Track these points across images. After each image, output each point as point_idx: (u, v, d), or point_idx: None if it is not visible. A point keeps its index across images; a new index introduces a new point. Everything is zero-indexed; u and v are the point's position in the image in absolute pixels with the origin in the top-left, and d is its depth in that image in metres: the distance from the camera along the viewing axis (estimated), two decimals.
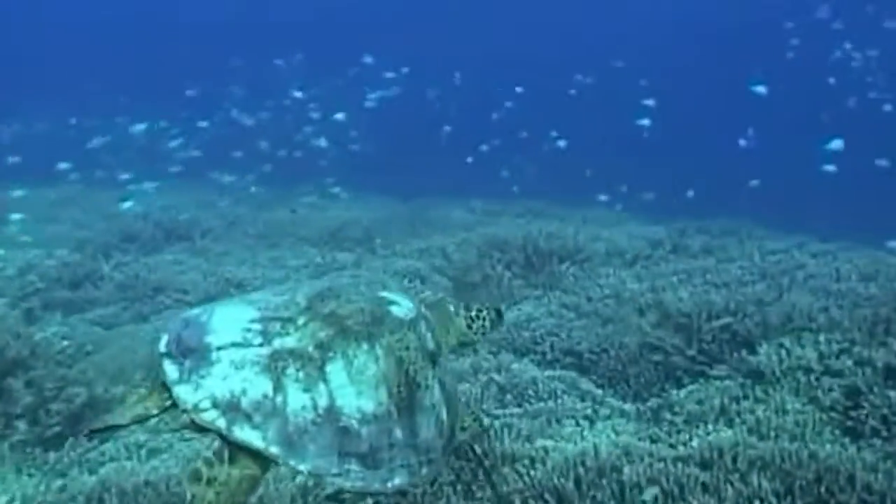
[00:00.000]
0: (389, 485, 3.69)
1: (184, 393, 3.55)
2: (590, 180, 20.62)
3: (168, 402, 3.64)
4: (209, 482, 3.48)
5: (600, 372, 8.53)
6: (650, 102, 19.68)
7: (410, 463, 3.78)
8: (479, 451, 4.64)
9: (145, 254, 13.88)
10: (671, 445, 6.33)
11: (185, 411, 3.52)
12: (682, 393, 7.32)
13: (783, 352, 7.30)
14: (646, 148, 21.99)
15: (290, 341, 3.69)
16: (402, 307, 4.07)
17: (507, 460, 6.00)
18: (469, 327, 4.64)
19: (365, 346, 3.77)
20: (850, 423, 6.44)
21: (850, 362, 7.00)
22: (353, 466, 3.61)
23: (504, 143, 23.89)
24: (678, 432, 6.61)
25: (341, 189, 19.63)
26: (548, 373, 8.18)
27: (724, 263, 11.64)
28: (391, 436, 3.72)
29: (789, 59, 26.11)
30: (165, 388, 3.65)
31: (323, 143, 21.13)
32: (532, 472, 5.76)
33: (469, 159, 22.23)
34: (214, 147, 20.95)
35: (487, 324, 4.68)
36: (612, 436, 6.68)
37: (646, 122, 19.26)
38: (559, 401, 7.55)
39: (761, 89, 17.04)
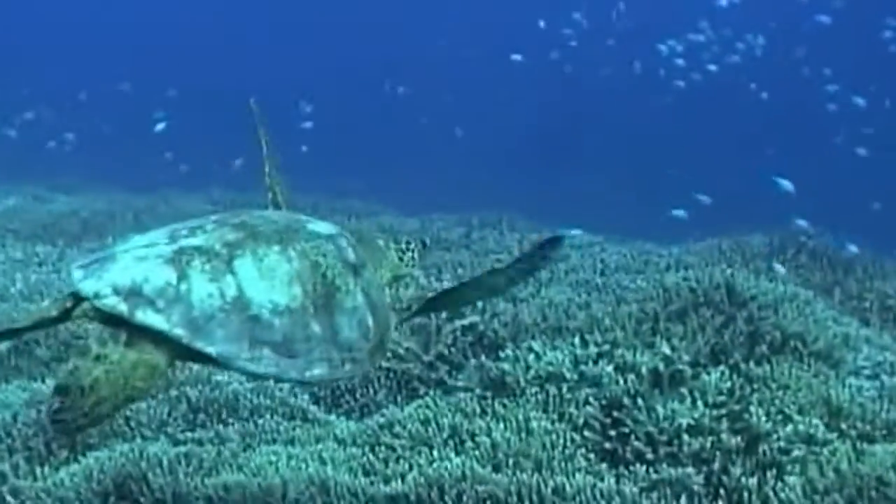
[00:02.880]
0: (308, 374, 3.61)
1: (86, 286, 3.46)
2: (346, 170, 19.78)
3: (69, 304, 3.51)
4: (98, 358, 3.33)
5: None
6: None
7: (331, 357, 3.69)
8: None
9: None
10: (386, 479, 5.19)
11: (86, 299, 3.43)
12: (408, 409, 6.08)
13: (531, 356, 6.17)
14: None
15: (196, 241, 3.60)
16: (321, 226, 3.99)
17: (178, 502, 5.17)
18: (401, 259, 4.54)
19: (276, 248, 3.67)
20: (608, 444, 5.49)
21: (610, 368, 5.96)
22: (267, 353, 3.51)
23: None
24: (398, 460, 5.43)
25: (74, 179, 18.48)
26: (253, 385, 6.85)
27: (481, 257, 10.83)
28: (308, 329, 3.63)
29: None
30: (69, 296, 3.54)
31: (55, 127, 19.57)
32: None
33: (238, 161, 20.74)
34: None
35: (416, 255, 4.60)
36: (315, 466, 5.43)
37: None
38: (260, 420, 6.33)
39: (787, 183, 16.57)
